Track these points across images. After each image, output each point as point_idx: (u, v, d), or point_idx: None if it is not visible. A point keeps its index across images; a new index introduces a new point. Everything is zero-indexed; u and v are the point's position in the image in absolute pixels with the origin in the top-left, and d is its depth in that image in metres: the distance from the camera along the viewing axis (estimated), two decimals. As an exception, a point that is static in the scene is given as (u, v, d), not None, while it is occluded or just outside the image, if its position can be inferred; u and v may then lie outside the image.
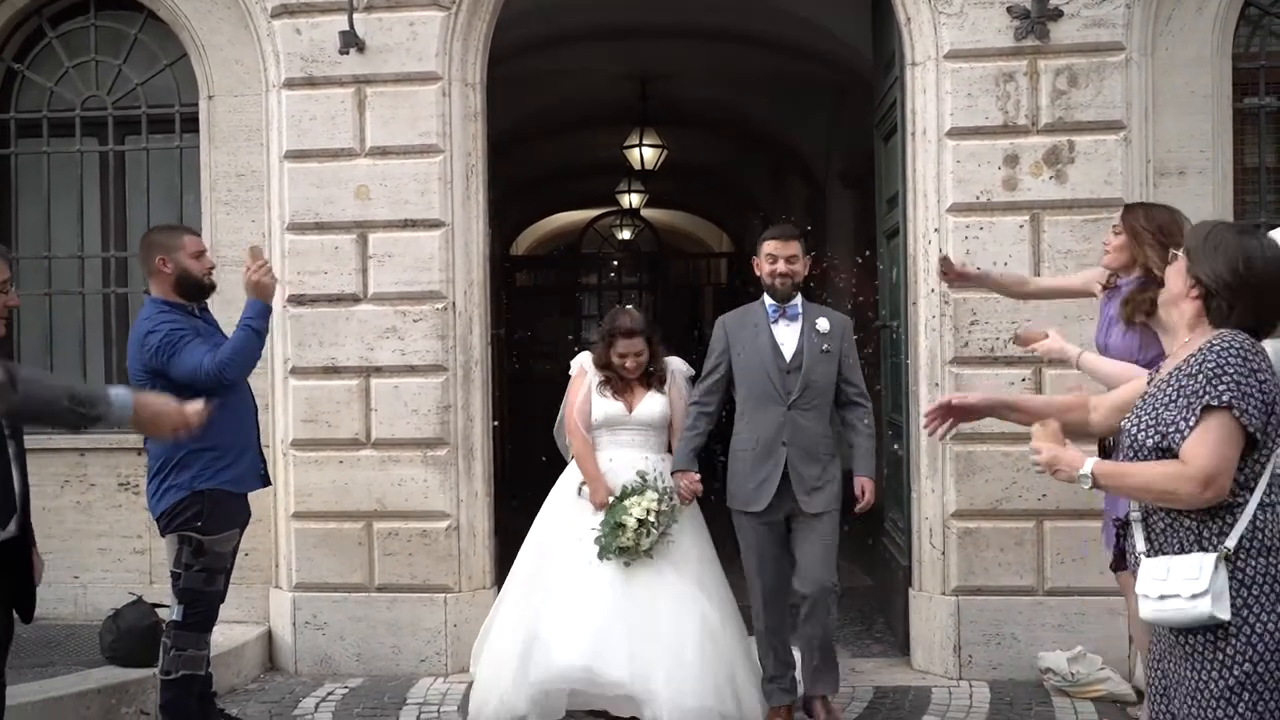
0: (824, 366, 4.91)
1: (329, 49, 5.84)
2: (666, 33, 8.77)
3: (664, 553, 4.93)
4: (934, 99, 5.60)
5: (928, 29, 5.62)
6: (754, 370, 4.92)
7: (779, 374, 4.88)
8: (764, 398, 4.89)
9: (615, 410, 5.19)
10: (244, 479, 4.77)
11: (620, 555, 4.86)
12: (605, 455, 5.19)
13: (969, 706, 5.24)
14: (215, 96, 6.20)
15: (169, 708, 4.65)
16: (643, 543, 4.83)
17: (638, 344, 5.19)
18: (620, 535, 4.81)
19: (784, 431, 4.85)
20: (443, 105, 5.86)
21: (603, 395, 5.21)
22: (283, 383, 5.97)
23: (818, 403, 4.91)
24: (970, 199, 5.54)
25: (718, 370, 5.03)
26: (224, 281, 6.05)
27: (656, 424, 5.22)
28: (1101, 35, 5.49)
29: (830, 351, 4.93)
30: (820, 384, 4.91)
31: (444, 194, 5.86)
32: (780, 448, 4.85)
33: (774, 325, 4.96)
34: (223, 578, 4.71)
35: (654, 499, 4.86)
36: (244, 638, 5.91)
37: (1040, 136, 5.53)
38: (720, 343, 5.06)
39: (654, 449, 5.22)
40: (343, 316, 5.90)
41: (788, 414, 4.86)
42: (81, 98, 6.46)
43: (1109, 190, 5.49)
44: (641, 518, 4.82)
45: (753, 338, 4.96)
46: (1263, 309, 2.78)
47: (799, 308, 4.99)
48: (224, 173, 6.19)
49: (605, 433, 5.21)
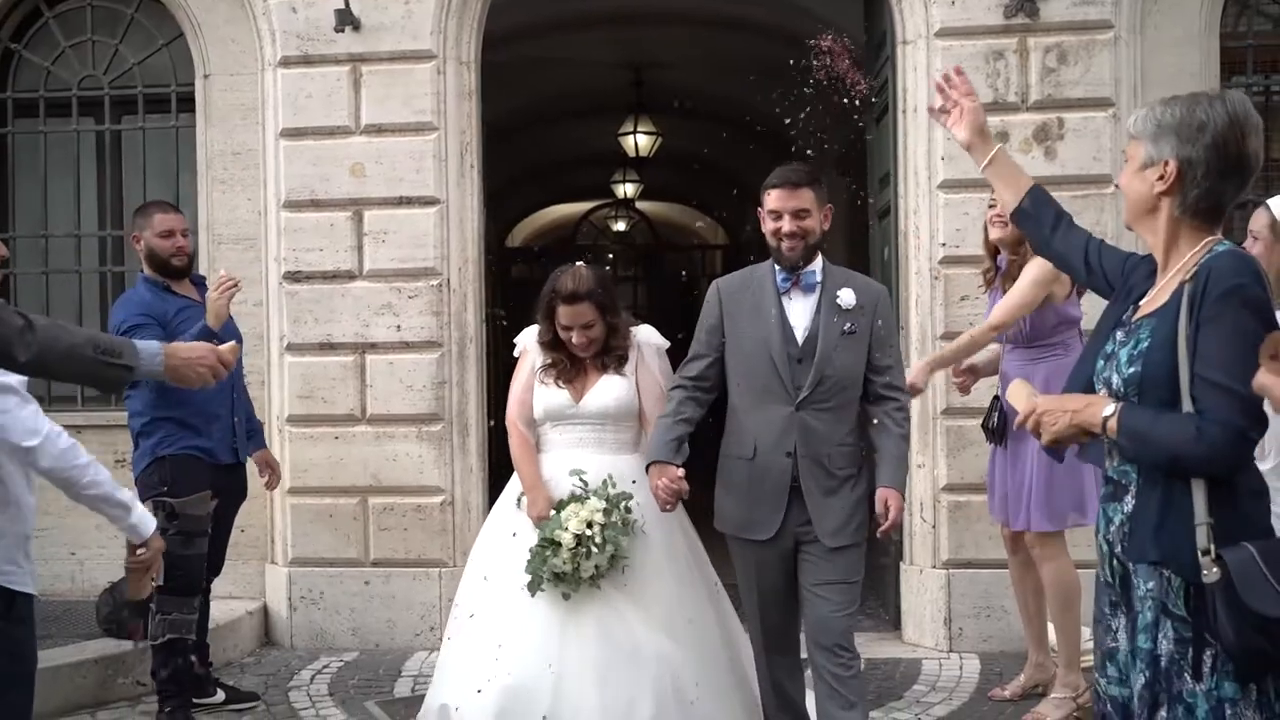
0: (846, 354, 3.72)
1: (324, 27, 5.89)
2: (659, 19, 8.82)
3: (620, 583, 3.83)
4: (925, 77, 5.65)
5: (918, 7, 5.67)
6: (753, 357, 3.75)
7: (786, 363, 3.71)
8: (764, 393, 3.73)
9: (559, 400, 4.04)
10: (214, 450, 4.78)
11: (556, 585, 3.79)
12: (550, 458, 4.07)
13: (959, 677, 5.30)
14: (211, 75, 6.25)
15: (161, 671, 4.71)
16: (583, 567, 3.74)
17: (584, 312, 3.95)
18: (553, 557, 3.75)
19: (790, 437, 3.70)
20: (438, 83, 5.90)
21: (544, 383, 4.07)
22: (279, 359, 6.02)
23: (836, 400, 3.73)
24: (960, 175, 5.59)
25: (709, 352, 3.86)
26: (219, 258, 6.17)
27: (614, 415, 4.03)
28: (1090, 13, 5.55)
29: (855, 333, 3.73)
30: (840, 376, 3.72)
31: (439, 171, 5.91)
32: (784, 459, 3.71)
33: (784, 298, 3.78)
34: (202, 541, 4.72)
35: (597, 508, 3.78)
36: (240, 612, 5.95)
37: (1030, 114, 5.58)
38: (713, 315, 3.86)
39: (612, 447, 4.05)
40: (338, 293, 5.94)
41: (795, 415, 3.70)
42: (78, 77, 6.51)
43: (1098, 167, 5.55)
44: (579, 533, 3.73)
45: (754, 314, 3.78)
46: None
47: (817, 274, 3.78)
48: (220, 151, 6.23)
49: (550, 429, 4.09)
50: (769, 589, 3.81)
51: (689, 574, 4.00)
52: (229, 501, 4.97)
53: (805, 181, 3.77)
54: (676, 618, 3.89)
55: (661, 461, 3.73)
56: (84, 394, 6.38)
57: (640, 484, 3.86)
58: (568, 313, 3.97)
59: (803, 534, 3.73)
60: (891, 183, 5.95)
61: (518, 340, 4.25)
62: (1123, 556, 2.43)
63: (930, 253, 5.65)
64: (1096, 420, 2.37)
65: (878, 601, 6.48)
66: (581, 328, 3.97)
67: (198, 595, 4.82)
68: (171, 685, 4.70)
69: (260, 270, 6.11)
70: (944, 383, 5.56)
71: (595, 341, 4.01)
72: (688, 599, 3.94)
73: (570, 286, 3.95)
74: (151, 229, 4.81)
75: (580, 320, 3.97)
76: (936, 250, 5.64)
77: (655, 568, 3.90)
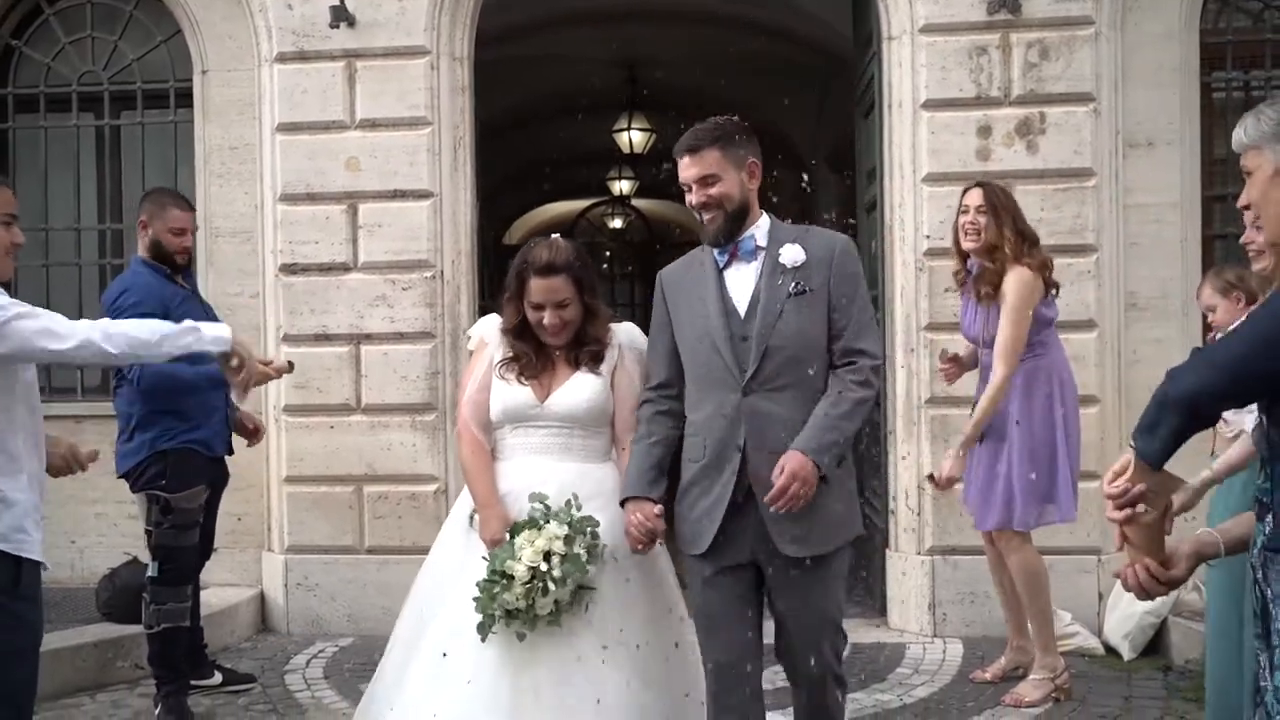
0: (796, 318, 3.17)
1: (320, 24, 5.98)
2: (652, 16, 8.91)
3: (584, 619, 3.25)
4: (909, 72, 5.76)
5: (903, 4, 5.77)
6: (696, 344, 3.27)
7: (728, 342, 3.19)
8: (708, 381, 3.24)
9: (519, 398, 3.43)
10: (211, 442, 4.85)
11: (510, 624, 3.21)
12: (509, 467, 3.46)
13: (942, 660, 5.40)
14: (209, 71, 6.35)
15: (155, 659, 4.80)
16: (539, 604, 3.16)
17: (560, 287, 3.39)
18: (504, 592, 3.18)
19: (740, 428, 3.16)
20: (431, 79, 6.00)
21: (503, 378, 3.46)
22: (275, 349, 6.11)
23: (793, 375, 3.17)
24: (944, 169, 5.69)
25: (667, 352, 3.38)
26: (217, 251, 6.28)
27: (584, 419, 3.44)
28: (1071, 9, 5.64)
29: (808, 292, 3.18)
30: (793, 347, 3.17)
31: (432, 165, 6.00)
32: (734, 454, 3.16)
33: (725, 271, 3.29)
34: (194, 532, 4.80)
35: (556, 535, 3.21)
36: (237, 599, 6.06)
37: (1012, 108, 5.68)
38: (660, 310, 3.40)
39: (580, 455, 3.46)
40: (333, 285, 6.04)
41: (745, 401, 3.17)
42: (78, 73, 6.61)
43: (1079, 160, 5.65)
44: (535, 565, 3.16)
45: (692, 293, 3.31)
46: None
47: (757, 238, 3.26)
48: (217, 146, 6.33)
49: (510, 433, 3.48)
50: (718, 614, 3.25)
51: (661, 608, 3.43)
52: (217, 490, 5.04)
53: (707, 142, 3.21)
54: (648, 659, 3.32)
55: (637, 497, 3.25)
56: (83, 385, 6.48)
57: (611, 498, 3.36)
58: (541, 287, 3.39)
59: (760, 548, 3.17)
60: (878, 176, 6.05)
61: (473, 331, 3.71)
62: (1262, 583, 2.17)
63: (915, 245, 5.75)
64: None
65: (864, 588, 6.59)
66: (555, 306, 3.40)
67: (190, 584, 4.90)
68: (168, 672, 4.79)
69: (257, 263, 6.23)
70: (929, 373, 5.67)
71: (570, 325, 3.43)
72: (660, 637, 3.38)
73: (546, 257, 3.40)
74: (164, 222, 4.81)
75: (554, 297, 3.40)
76: (921, 242, 5.74)
77: (625, 601, 3.32)
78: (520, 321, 3.47)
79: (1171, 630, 5.32)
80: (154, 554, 4.76)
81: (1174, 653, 5.26)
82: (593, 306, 3.49)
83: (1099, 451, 5.64)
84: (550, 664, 3.23)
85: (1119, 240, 5.77)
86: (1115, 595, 5.52)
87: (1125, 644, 5.35)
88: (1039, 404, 4.67)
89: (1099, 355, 5.69)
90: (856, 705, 4.80)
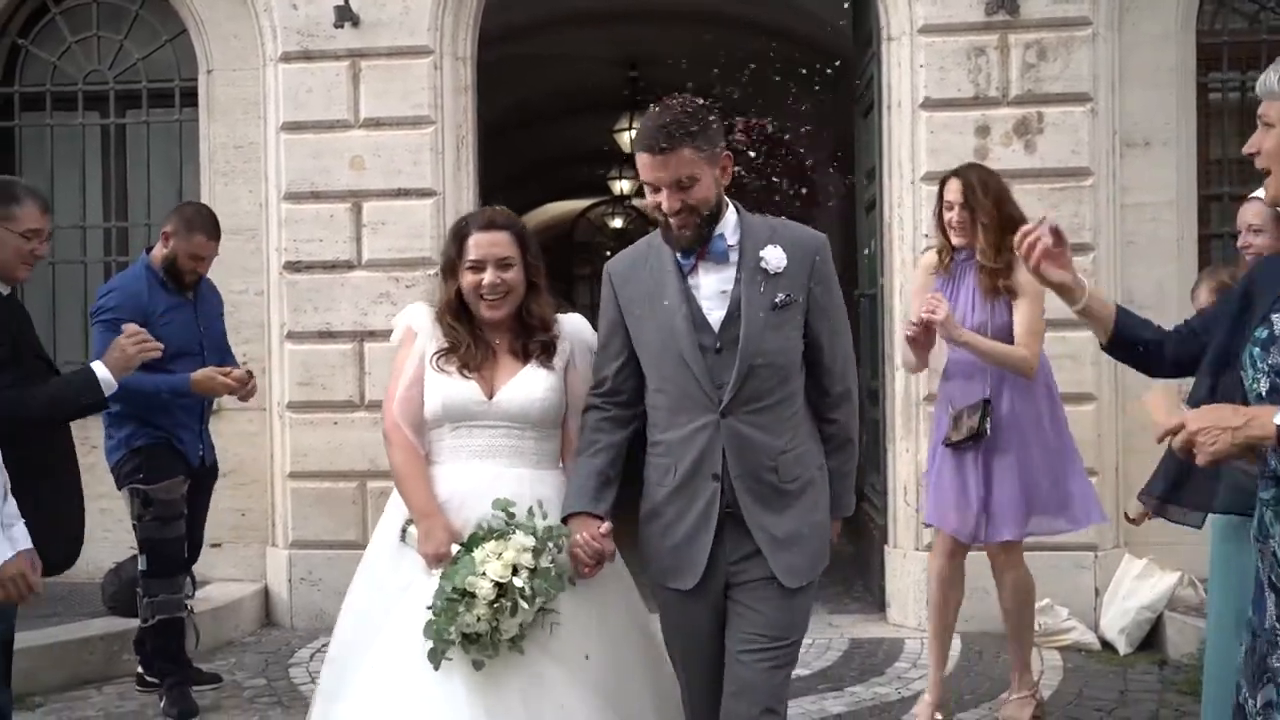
0: (781, 333, 2.87)
1: (324, 23, 6.04)
2: (654, 16, 8.97)
3: (545, 644, 2.88)
4: (908, 72, 5.81)
5: (902, 4, 5.82)
6: (659, 356, 2.91)
7: (699, 357, 2.85)
8: (680, 400, 2.90)
9: (463, 393, 3.01)
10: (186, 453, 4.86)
11: (468, 650, 2.80)
12: (448, 472, 3.05)
13: (940, 655, 5.44)
14: (214, 71, 6.40)
15: (154, 653, 4.88)
16: (504, 625, 2.78)
17: (502, 243, 3.04)
18: (467, 612, 2.76)
19: (715, 454, 2.86)
20: (434, 78, 6.06)
21: (442, 370, 3.05)
22: (279, 346, 6.17)
23: (776, 395, 2.89)
24: (943, 168, 5.65)
25: (616, 355, 3.01)
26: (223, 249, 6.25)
27: (537, 418, 3.05)
28: (1069, 10, 5.70)
29: (790, 303, 2.86)
30: (777, 364, 2.88)
31: (435, 164, 6.06)
32: (710, 484, 2.87)
33: (690, 275, 2.91)
34: (178, 524, 4.83)
35: (524, 547, 2.81)
36: (241, 594, 6.11)
37: (1010, 108, 5.73)
38: (610, 308, 3.02)
39: (533, 460, 3.07)
40: (338, 282, 6.10)
41: (722, 424, 2.86)
42: (84, 72, 6.66)
43: (1076, 160, 5.70)
44: (502, 580, 2.76)
45: (652, 298, 2.92)
46: None
47: (728, 236, 2.90)
48: (222, 144, 6.39)
49: (449, 434, 3.05)
50: (700, 649, 2.99)
51: (626, 628, 3.10)
52: (201, 491, 5.06)
53: (680, 140, 2.78)
54: (618, 687, 2.98)
55: (581, 513, 2.91)
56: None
57: None
58: (482, 242, 3.02)
59: (735, 573, 2.90)
60: (877, 176, 6.10)
61: (398, 319, 3.21)
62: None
63: (914, 244, 5.79)
64: (1269, 431, 2.06)
65: (863, 584, 6.64)
66: (497, 264, 3.02)
67: (183, 575, 4.93)
68: (169, 664, 4.86)
69: (261, 260, 6.28)
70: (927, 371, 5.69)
71: (512, 293, 3.05)
72: (626, 660, 3.04)
73: (488, 213, 3.13)
74: (188, 244, 4.83)
75: (496, 253, 3.02)
76: (920, 241, 5.77)
77: (585, 622, 2.95)
78: (457, 297, 3.07)
79: (1167, 625, 5.37)
80: (141, 547, 4.84)
81: (1169, 647, 5.31)
82: (536, 280, 3.10)
83: (1096, 449, 5.70)
84: (514, 697, 2.82)
85: (1116, 239, 5.82)
86: (1112, 591, 5.58)
87: (1121, 639, 5.40)
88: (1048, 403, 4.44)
89: (1095, 353, 5.69)
90: (855, 698, 4.87)
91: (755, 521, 2.86)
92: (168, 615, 4.82)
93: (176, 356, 4.65)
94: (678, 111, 2.83)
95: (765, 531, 2.87)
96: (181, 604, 4.90)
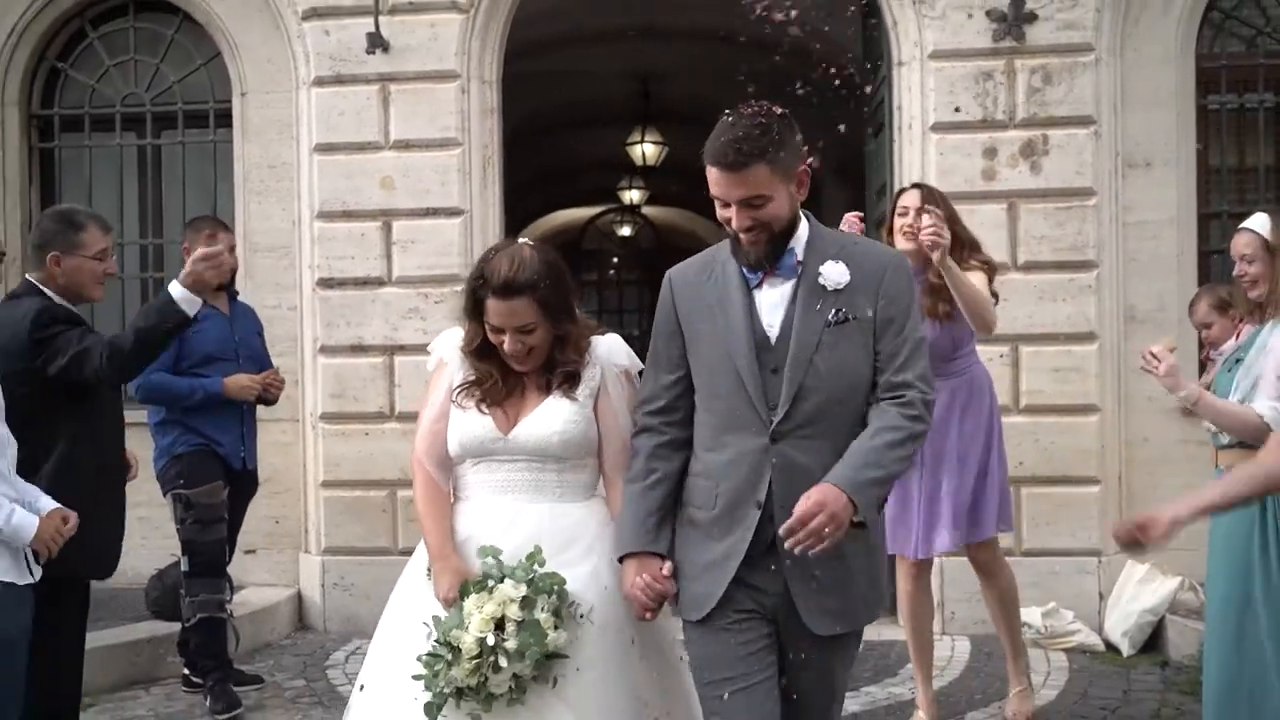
0: (837, 352, 2.66)
1: (356, 49, 6.27)
2: (667, 34, 9.19)
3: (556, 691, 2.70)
4: (918, 96, 6.04)
5: (912, 31, 6.06)
6: (715, 371, 2.74)
7: (755, 375, 2.67)
8: (729, 420, 2.71)
9: (479, 429, 2.90)
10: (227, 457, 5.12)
11: (461, 703, 2.69)
12: (470, 509, 2.95)
13: (950, 657, 5.67)
14: (248, 93, 6.64)
15: (197, 649, 5.12)
16: (493, 681, 2.65)
17: (521, 311, 2.83)
18: (452, 666, 2.65)
19: (763, 481, 2.65)
20: (462, 101, 6.29)
21: (462, 406, 2.93)
22: (312, 360, 6.41)
23: (830, 421, 2.66)
24: (952, 189, 5.87)
25: (672, 369, 2.81)
26: (255, 265, 6.57)
27: (558, 450, 2.90)
28: (1073, 37, 5.93)
29: (851, 321, 2.66)
30: (831, 385, 2.65)
31: (463, 184, 6.30)
32: (751, 511, 2.65)
33: (756, 290, 2.73)
34: (219, 527, 5.08)
35: (511, 598, 2.67)
36: (276, 598, 6.35)
37: (1017, 131, 5.97)
38: (668, 318, 2.83)
39: (554, 493, 2.92)
40: (369, 298, 6.33)
41: (771, 449, 2.65)
42: (121, 95, 6.91)
43: (1080, 180, 5.93)
44: (483, 635, 2.64)
45: (715, 311, 2.75)
46: None
47: (798, 251, 2.71)
48: (256, 164, 6.62)
49: (470, 469, 2.97)
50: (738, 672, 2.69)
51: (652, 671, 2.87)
52: (239, 497, 5.31)
53: (753, 158, 2.59)
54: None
55: (635, 552, 2.73)
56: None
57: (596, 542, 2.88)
58: (499, 309, 2.82)
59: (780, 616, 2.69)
60: (887, 194, 6.33)
61: (433, 346, 3.09)
62: None
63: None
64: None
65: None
66: (517, 331, 2.84)
67: (223, 576, 5.17)
68: (210, 661, 5.09)
69: (295, 277, 6.52)
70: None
71: (535, 353, 2.89)
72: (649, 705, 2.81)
73: (505, 273, 2.81)
74: (201, 243, 5.12)
75: (515, 321, 2.83)
76: (930, 258, 6.00)
77: (605, 668, 2.75)
78: (482, 341, 2.91)
79: (1169, 628, 5.59)
80: (183, 549, 5.08)
81: (1171, 649, 5.54)
82: (564, 332, 2.90)
83: (1099, 459, 5.94)
84: None
85: (1118, 256, 6.05)
86: (1115, 595, 5.80)
87: (1124, 641, 5.63)
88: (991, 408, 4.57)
89: (1099, 366, 5.97)
90: (870, 698, 5.09)
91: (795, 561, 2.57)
92: (208, 614, 5.05)
93: (212, 361, 5.04)
94: (750, 125, 2.61)
95: (802, 567, 2.59)
96: (222, 604, 5.13)
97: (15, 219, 6.82)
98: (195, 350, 5.04)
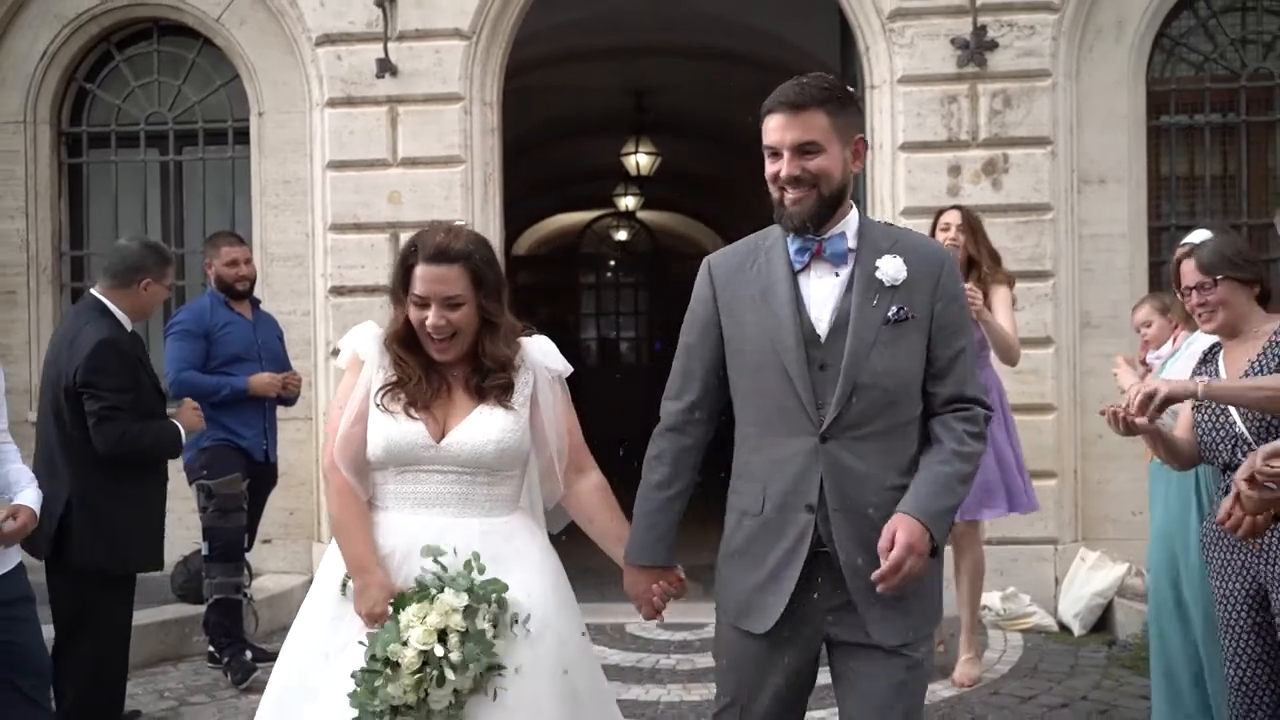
0: (892, 351, 2.55)
1: (366, 73, 6.73)
2: (659, 51, 9.65)
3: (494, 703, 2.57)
4: (889, 118, 6.50)
5: (884, 57, 6.52)
6: (759, 366, 2.59)
7: (804, 372, 2.54)
8: (776, 417, 2.58)
9: (409, 435, 2.70)
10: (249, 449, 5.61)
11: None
12: (390, 520, 2.75)
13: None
14: (265, 113, 7.10)
15: (212, 627, 5.58)
16: (433, 696, 2.52)
17: (451, 279, 2.67)
18: (390, 683, 2.52)
19: (813, 482, 2.53)
20: (465, 122, 6.75)
21: (387, 410, 2.72)
22: (325, 363, 6.86)
23: (883, 422, 2.55)
24: (920, 204, 6.42)
25: (701, 362, 2.68)
26: (272, 274, 7.02)
27: (491, 463, 2.73)
28: (1031, 63, 6.39)
29: (908, 320, 2.55)
30: (886, 385, 2.54)
31: (465, 199, 6.76)
32: (804, 516, 2.53)
33: (800, 275, 2.60)
34: (238, 515, 5.54)
35: (454, 607, 2.54)
36: (290, 585, 6.80)
37: (979, 150, 6.43)
38: (705, 306, 2.69)
39: (484, 507, 2.75)
40: (378, 305, 6.76)
41: (821, 449, 2.53)
42: (145, 113, 7.37)
43: (1038, 196, 6.39)
44: (426, 647, 2.50)
45: (758, 301, 2.61)
46: None
47: (849, 238, 2.60)
48: (272, 180, 7.08)
49: (394, 478, 2.75)
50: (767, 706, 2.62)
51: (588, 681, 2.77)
52: (259, 488, 5.78)
53: (814, 101, 2.52)
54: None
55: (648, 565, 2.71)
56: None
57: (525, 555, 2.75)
58: (428, 275, 2.65)
59: (834, 627, 2.56)
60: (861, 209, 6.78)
61: (343, 342, 2.84)
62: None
63: (894, 271, 6.48)
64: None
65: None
66: (443, 304, 2.66)
67: (240, 561, 5.65)
68: (225, 637, 5.55)
69: (308, 285, 6.98)
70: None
71: (460, 336, 2.70)
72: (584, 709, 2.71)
73: (440, 239, 2.68)
74: (220, 259, 5.70)
75: (443, 292, 2.65)
76: (899, 268, 6.46)
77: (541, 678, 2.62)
78: (406, 325, 2.72)
79: (1116, 610, 6.05)
80: (204, 535, 5.56)
81: (1118, 629, 5.99)
82: (493, 316, 2.73)
83: (1057, 454, 6.39)
84: None
85: (1074, 267, 6.50)
86: (1068, 580, 6.26)
87: (1076, 622, 6.09)
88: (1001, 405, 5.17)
89: (1056, 368, 6.43)
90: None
91: (851, 565, 2.48)
92: (224, 595, 5.50)
93: (237, 360, 5.59)
94: (816, 78, 2.61)
95: (861, 578, 2.46)
96: (238, 586, 5.60)
97: (46, 229, 7.30)
98: (223, 351, 5.57)
